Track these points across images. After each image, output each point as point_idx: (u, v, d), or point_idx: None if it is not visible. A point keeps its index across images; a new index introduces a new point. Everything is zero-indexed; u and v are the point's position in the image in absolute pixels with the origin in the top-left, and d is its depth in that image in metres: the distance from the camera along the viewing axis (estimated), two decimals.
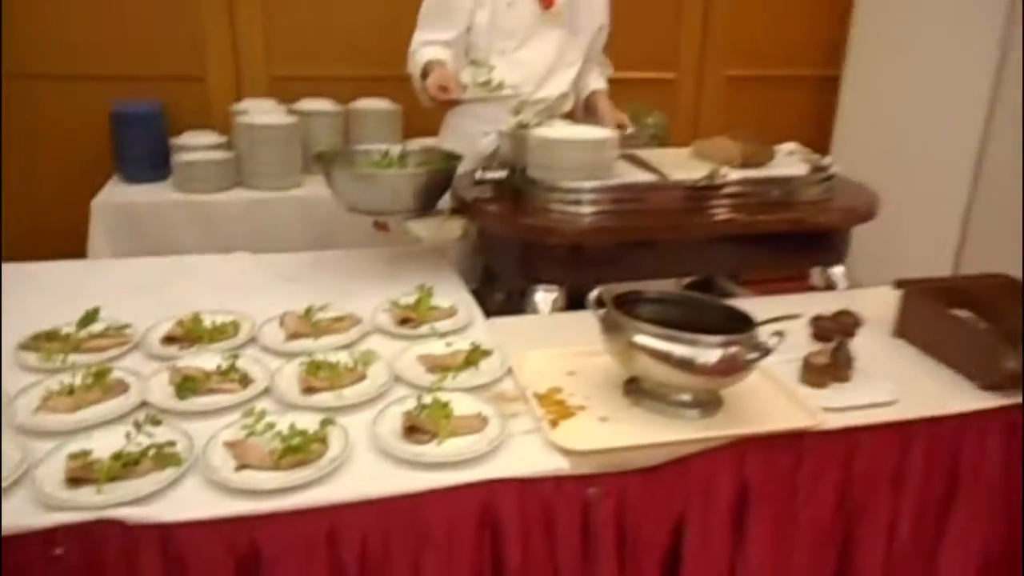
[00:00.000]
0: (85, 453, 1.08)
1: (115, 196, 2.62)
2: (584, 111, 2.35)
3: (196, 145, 2.73)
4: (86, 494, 1.02)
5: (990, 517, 1.37)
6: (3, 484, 1.01)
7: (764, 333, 1.23)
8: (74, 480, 1.04)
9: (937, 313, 1.49)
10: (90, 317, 1.47)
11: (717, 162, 1.92)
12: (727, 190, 1.77)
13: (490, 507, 1.09)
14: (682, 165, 1.87)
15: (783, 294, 1.81)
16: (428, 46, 2.07)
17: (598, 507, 1.14)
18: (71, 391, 1.24)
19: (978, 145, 2.95)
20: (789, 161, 1.95)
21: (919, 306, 1.53)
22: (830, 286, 1.90)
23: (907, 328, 1.55)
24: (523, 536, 1.10)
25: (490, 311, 1.67)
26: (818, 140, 3.62)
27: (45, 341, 1.41)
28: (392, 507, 1.05)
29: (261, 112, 2.74)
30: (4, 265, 1.76)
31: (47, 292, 1.69)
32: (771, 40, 3.65)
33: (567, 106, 2.23)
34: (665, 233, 1.72)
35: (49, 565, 0.96)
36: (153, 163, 2.72)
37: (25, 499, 1.01)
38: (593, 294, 1.32)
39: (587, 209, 1.70)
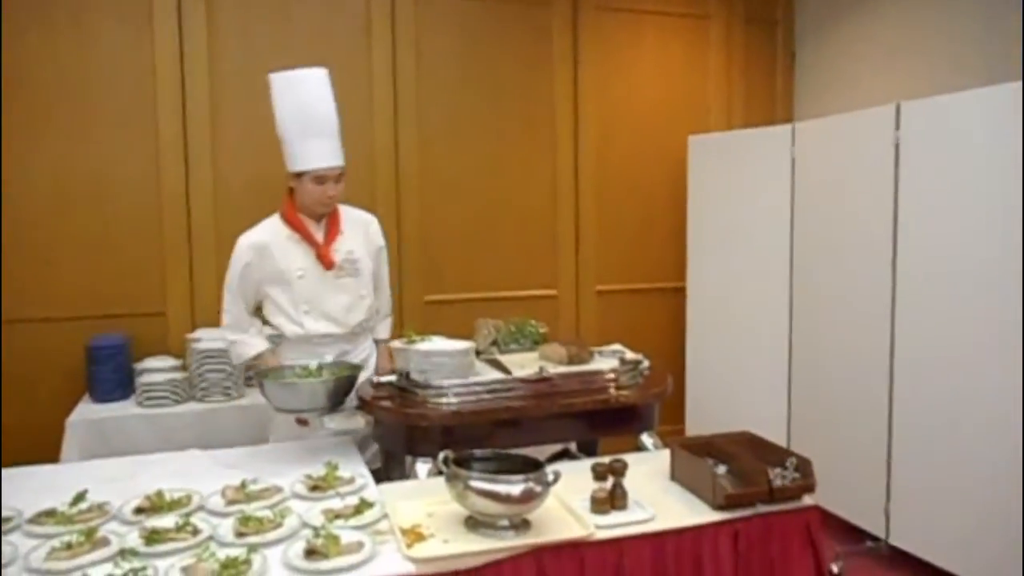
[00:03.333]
0: None
1: (86, 414, 3.18)
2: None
3: (156, 368, 3.35)
4: None
5: None
6: None
7: (551, 473, 1.85)
8: None
9: (690, 460, 2.14)
10: (80, 497, 2.01)
11: (552, 362, 2.63)
12: (554, 381, 2.46)
13: None
14: (526, 365, 2.57)
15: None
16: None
17: None
18: (70, 546, 1.76)
19: (788, 329, 3.79)
20: (606, 358, 2.67)
21: (681, 457, 2.18)
22: (641, 448, 2.55)
23: (676, 472, 2.19)
24: None
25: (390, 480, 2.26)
26: (678, 333, 4.45)
27: (47, 516, 1.93)
28: None
29: (211, 339, 3.39)
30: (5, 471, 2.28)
31: (41, 487, 2.18)
32: (631, 261, 4.57)
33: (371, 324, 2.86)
34: (508, 414, 2.36)
35: None
36: (119, 385, 3.31)
37: None
38: (440, 456, 1.93)
39: (452, 400, 2.35)
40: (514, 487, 1.81)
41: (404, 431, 2.37)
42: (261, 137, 3.86)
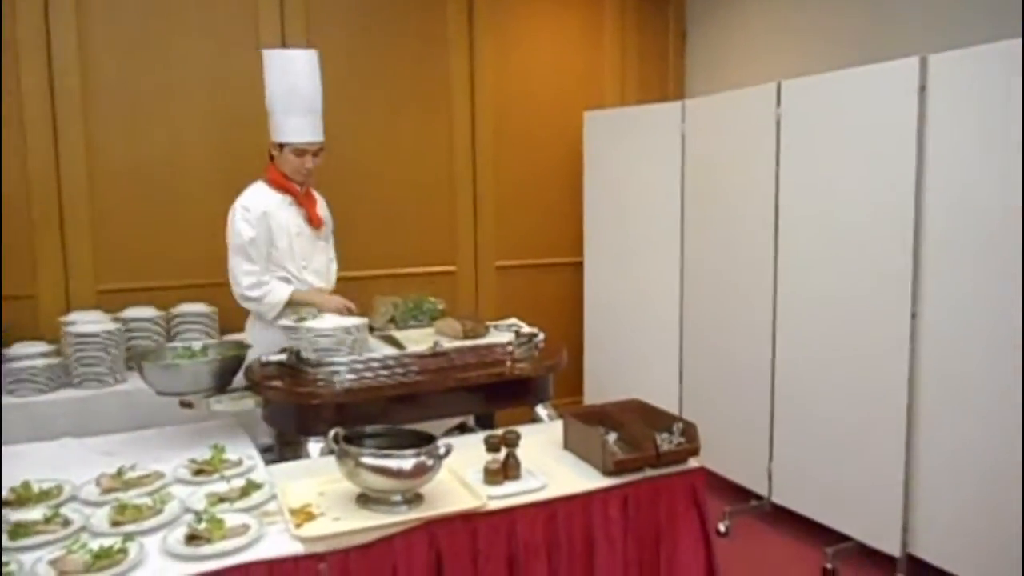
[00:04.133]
0: None
1: None
2: None
3: (25, 354, 3.13)
4: None
5: (624, 562, 1.99)
6: None
7: (443, 446, 1.85)
8: None
9: (581, 429, 2.17)
10: None
11: (448, 337, 2.62)
12: (449, 355, 2.45)
13: None
14: (421, 341, 2.55)
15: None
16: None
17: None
18: None
19: (679, 300, 3.91)
20: (502, 332, 2.68)
21: (573, 426, 2.21)
22: (536, 419, 2.57)
23: (569, 442, 2.23)
24: None
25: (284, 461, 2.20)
26: (577, 307, 4.52)
27: None
28: None
29: (87, 322, 3.20)
30: None
31: None
32: (530, 237, 4.59)
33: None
34: (403, 390, 2.34)
35: None
36: None
37: None
38: (331, 434, 1.89)
39: (343, 377, 2.31)
40: (405, 462, 1.79)
41: (295, 411, 2.31)
42: (139, 110, 3.67)
